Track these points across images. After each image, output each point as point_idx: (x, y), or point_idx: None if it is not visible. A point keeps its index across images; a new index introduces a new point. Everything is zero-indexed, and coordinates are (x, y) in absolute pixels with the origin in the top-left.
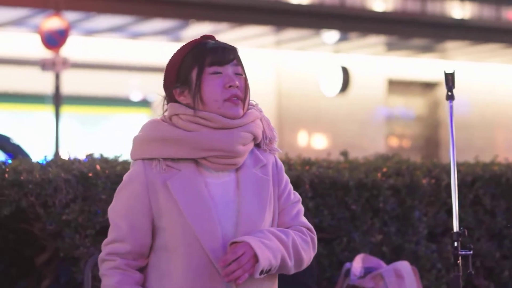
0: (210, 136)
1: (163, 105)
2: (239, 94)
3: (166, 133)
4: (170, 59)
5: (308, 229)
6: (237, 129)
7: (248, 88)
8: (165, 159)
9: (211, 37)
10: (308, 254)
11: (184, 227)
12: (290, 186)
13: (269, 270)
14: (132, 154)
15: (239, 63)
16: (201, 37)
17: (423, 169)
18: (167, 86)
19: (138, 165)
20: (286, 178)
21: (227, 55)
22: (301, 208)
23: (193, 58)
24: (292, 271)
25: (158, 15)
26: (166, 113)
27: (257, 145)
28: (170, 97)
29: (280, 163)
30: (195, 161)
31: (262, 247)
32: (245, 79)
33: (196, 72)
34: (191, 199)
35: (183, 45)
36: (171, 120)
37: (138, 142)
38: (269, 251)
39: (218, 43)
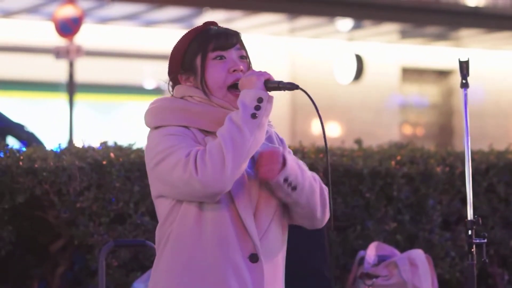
0: (227, 113)
1: (169, 88)
2: None
3: (194, 106)
4: (174, 46)
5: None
6: None
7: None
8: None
9: (213, 23)
10: (322, 194)
11: None
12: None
13: (293, 185)
14: (160, 119)
15: (243, 47)
16: (204, 23)
17: (437, 157)
18: (172, 71)
19: (175, 128)
20: (288, 150)
21: (230, 39)
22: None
23: (197, 45)
24: (317, 197)
25: (172, 3)
26: (174, 94)
27: None
28: (175, 83)
29: (281, 137)
30: (213, 134)
31: (291, 159)
32: (249, 62)
33: (200, 59)
34: None
35: (187, 32)
36: (184, 99)
37: (168, 109)
38: (297, 167)
39: (220, 29)
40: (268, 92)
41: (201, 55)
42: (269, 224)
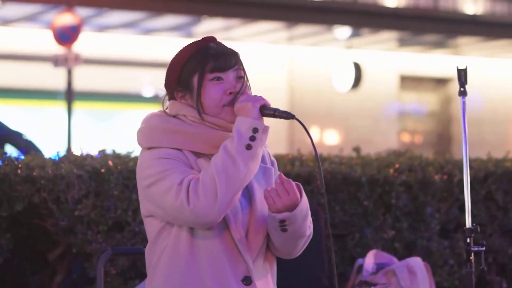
0: (222, 135)
1: (164, 101)
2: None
3: (187, 127)
4: (172, 61)
5: None
6: None
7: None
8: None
9: (212, 39)
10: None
11: None
12: None
13: (284, 228)
14: (152, 141)
15: (241, 67)
16: (203, 39)
17: (436, 165)
18: (169, 87)
19: (168, 150)
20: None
21: (228, 60)
22: None
23: (195, 64)
24: (302, 242)
25: (170, 11)
26: (168, 110)
27: None
28: (171, 96)
29: (273, 158)
30: (207, 156)
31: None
32: (246, 82)
33: (197, 78)
34: None
35: (185, 47)
36: (178, 118)
37: (161, 129)
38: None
39: (220, 48)
40: (263, 118)
41: (199, 75)
42: (261, 246)
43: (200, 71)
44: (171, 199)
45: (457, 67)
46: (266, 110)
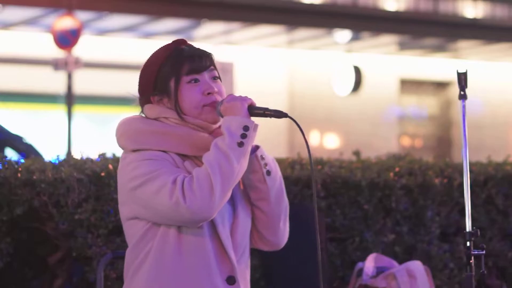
0: (206, 138)
1: (140, 104)
2: (218, 99)
3: (173, 129)
4: (145, 65)
5: None
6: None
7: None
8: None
9: (183, 41)
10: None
11: None
12: None
13: (268, 169)
14: (138, 143)
15: (215, 67)
16: (174, 42)
17: (436, 169)
18: (144, 91)
19: (155, 152)
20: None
21: (204, 62)
22: None
23: (170, 67)
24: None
25: (170, 15)
26: (146, 114)
27: None
28: (146, 101)
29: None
30: (191, 158)
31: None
32: (220, 82)
33: (174, 82)
34: None
35: (156, 51)
36: (160, 121)
37: (147, 132)
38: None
39: (193, 50)
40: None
41: (175, 79)
42: (244, 247)
43: (176, 74)
44: (164, 198)
45: (457, 70)
46: (255, 110)
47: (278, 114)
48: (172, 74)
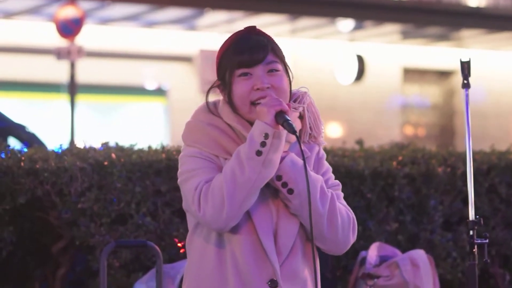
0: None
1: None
2: (270, 95)
3: (226, 137)
4: (217, 53)
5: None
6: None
7: (287, 83)
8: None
9: (251, 30)
10: (345, 223)
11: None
12: (331, 175)
13: (289, 187)
14: (192, 140)
15: (275, 58)
16: (243, 29)
17: (439, 158)
18: (217, 79)
19: (202, 151)
20: (326, 166)
21: (255, 55)
22: (340, 193)
23: (226, 59)
24: (323, 219)
25: (173, 4)
26: (214, 106)
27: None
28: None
29: (322, 152)
30: None
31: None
32: (282, 75)
33: (228, 74)
34: None
35: (227, 38)
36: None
37: (203, 132)
38: (297, 171)
39: (250, 41)
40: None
41: (229, 71)
42: (292, 248)
43: (230, 67)
44: (190, 201)
45: (460, 59)
46: (278, 118)
47: (291, 130)
48: (227, 65)
